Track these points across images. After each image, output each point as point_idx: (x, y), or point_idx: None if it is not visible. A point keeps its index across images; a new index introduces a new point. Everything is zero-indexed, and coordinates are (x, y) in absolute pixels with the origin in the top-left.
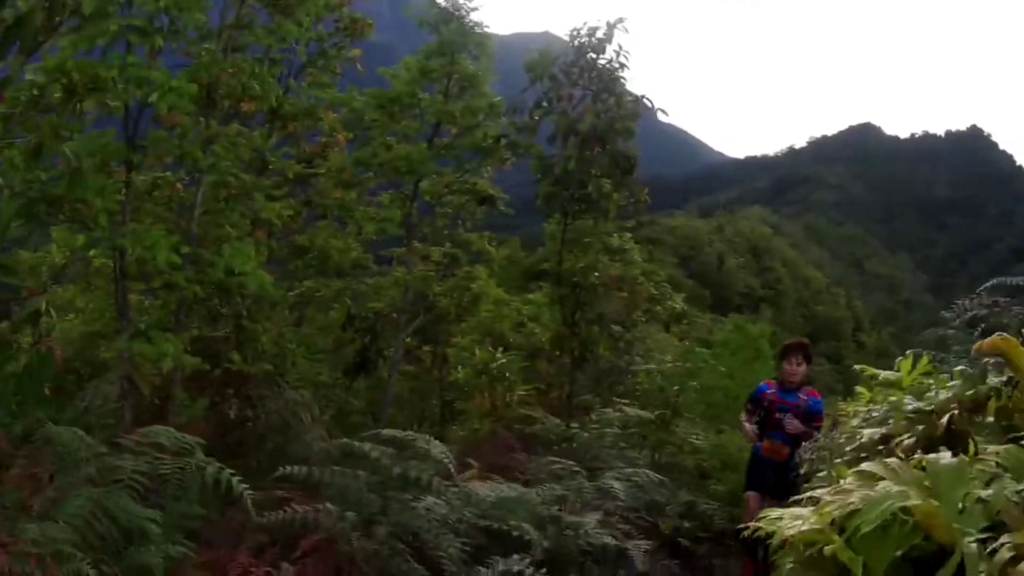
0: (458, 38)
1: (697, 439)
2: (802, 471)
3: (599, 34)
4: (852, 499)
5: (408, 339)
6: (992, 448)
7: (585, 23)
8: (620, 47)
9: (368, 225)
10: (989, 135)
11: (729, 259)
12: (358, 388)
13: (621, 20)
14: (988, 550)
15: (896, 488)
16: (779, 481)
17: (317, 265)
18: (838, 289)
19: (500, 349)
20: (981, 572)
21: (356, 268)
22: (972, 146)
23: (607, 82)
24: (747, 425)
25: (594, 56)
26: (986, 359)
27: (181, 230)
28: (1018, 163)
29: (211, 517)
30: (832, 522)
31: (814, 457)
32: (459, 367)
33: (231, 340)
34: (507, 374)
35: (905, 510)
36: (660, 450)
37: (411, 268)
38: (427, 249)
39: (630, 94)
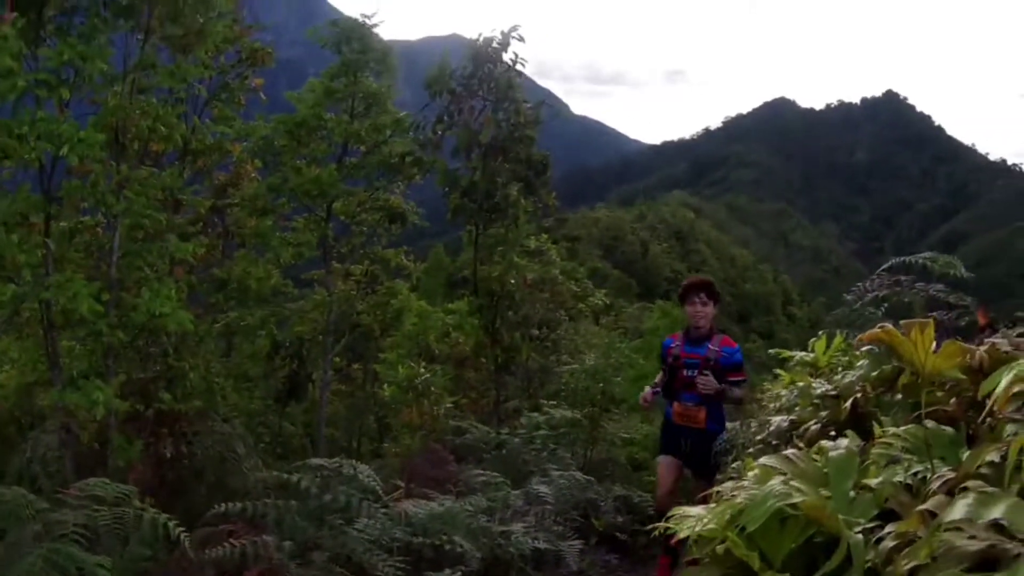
0: (360, 56)
1: (626, 433)
2: (717, 450)
3: (495, 43)
4: (739, 498)
5: (336, 359)
6: (893, 430)
7: (481, 34)
8: (516, 55)
9: (285, 251)
10: (905, 98)
11: (653, 246)
12: (292, 412)
13: (516, 28)
14: (875, 539)
15: (780, 487)
16: (697, 451)
17: (238, 296)
18: (764, 265)
19: (424, 363)
20: (867, 562)
21: (277, 295)
22: (889, 110)
23: (505, 91)
24: (647, 390)
25: (491, 66)
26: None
27: (102, 275)
28: (937, 123)
29: (159, 557)
30: (730, 518)
31: (726, 448)
32: (386, 384)
33: (161, 380)
34: (433, 388)
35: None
36: (591, 447)
37: (332, 289)
38: (347, 268)
39: (528, 100)
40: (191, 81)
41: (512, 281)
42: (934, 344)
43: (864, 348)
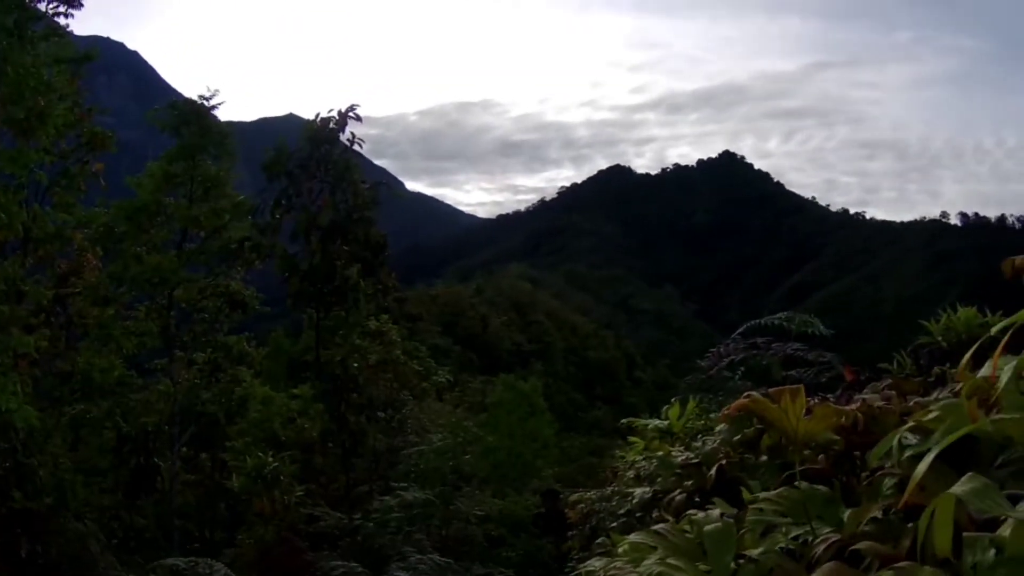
0: (199, 140)
1: (480, 510)
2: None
3: (332, 124)
4: None
5: (184, 449)
6: (764, 494)
7: (318, 114)
8: (353, 135)
9: (128, 341)
10: (743, 158)
11: (493, 319)
12: (142, 504)
13: (353, 107)
14: None
15: (656, 567)
16: None
17: (82, 389)
18: (607, 331)
19: (271, 452)
20: None
21: (122, 385)
22: (727, 171)
23: (342, 172)
24: None
25: (328, 147)
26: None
27: None
28: (776, 179)
29: None
30: None
31: (590, 521)
32: (235, 474)
33: (11, 477)
34: (282, 476)
35: None
36: (447, 527)
37: (176, 379)
38: (190, 356)
39: (367, 181)
40: (32, 167)
41: (355, 365)
42: (805, 404)
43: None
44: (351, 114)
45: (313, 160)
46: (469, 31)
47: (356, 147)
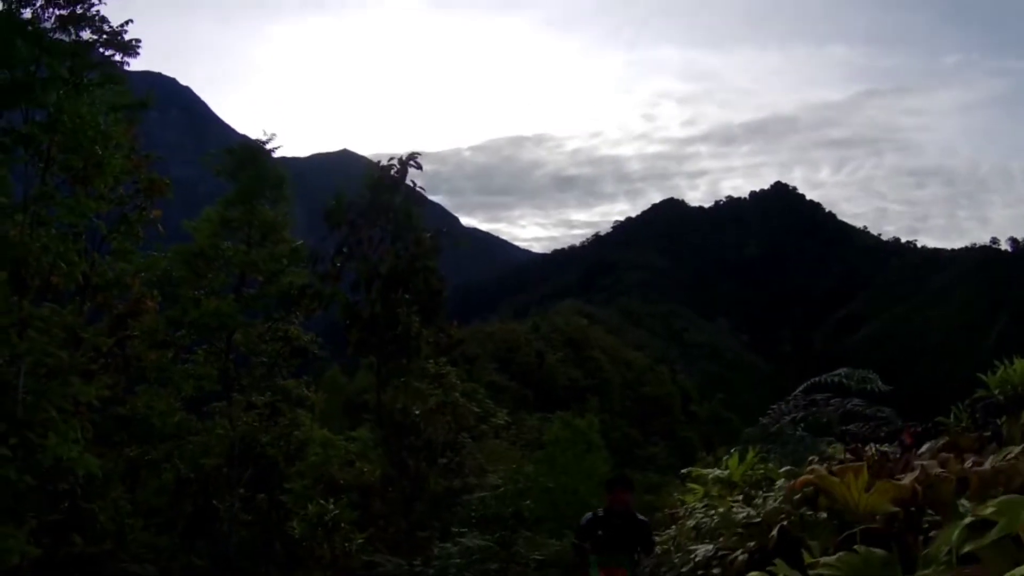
0: (255, 184)
1: (540, 555)
2: None
3: (392, 172)
4: None
5: (242, 491)
6: (825, 559)
7: (379, 162)
8: (414, 183)
9: (186, 384)
10: (794, 188)
11: (548, 355)
12: (201, 546)
13: (414, 156)
14: None
15: None
16: None
17: (141, 432)
18: (661, 366)
19: (331, 499)
20: None
21: (180, 429)
22: (779, 203)
23: (404, 221)
24: None
25: (389, 195)
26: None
27: (6, 414)
28: (827, 209)
29: None
30: None
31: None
32: (295, 519)
33: (71, 522)
34: (342, 524)
35: None
36: (506, 573)
37: (234, 421)
38: (249, 399)
39: (428, 229)
40: (90, 216)
41: (416, 412)
42: (867, 481)
43: (785, 469)
44: (412, 162)
45: (373, 208)
46: (521, 66)
47: (419, 189)
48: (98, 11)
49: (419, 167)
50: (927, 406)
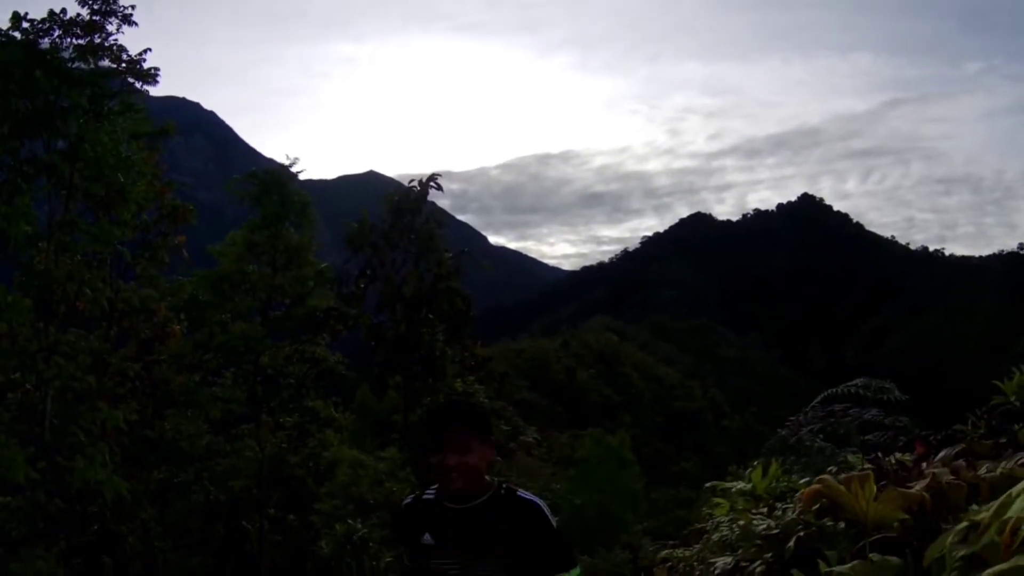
0: (280, 209)
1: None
2: None
3: (413, 195)
4: None
5: (271, 511)
6: (839, 568)
7: (405, 184)
8: (434, 205)
9: (213, 408)
10: (821, 200)
11: (580, 372)
12: (231, 567)
13: (435, 177)
14: None
15: None
16: None
17: (170, 456)
18: (692, 381)
19: (359, 519)
20: None
21: (209, 451)
22: (807, 214)
23: (426, 242)
24: None
25: (410, 218)
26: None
27: (35, 438)
28: (855, 220)
29: None
30: None
31: None
32: (324, 539)
33: (100, 544)
34: (371, 543)
35: None
36: None
37: (263, 443)
38: (277, 420)
39: (450, 250)
40: (114, 243)
41: None
42: (875, 490)
43: (803, 480)
44: (432, 183)
45: (396, 231)
46: (546, 85)
47: (440, 214)
48: (116, 39)
49: (439, 188)
50: (956, 415)
